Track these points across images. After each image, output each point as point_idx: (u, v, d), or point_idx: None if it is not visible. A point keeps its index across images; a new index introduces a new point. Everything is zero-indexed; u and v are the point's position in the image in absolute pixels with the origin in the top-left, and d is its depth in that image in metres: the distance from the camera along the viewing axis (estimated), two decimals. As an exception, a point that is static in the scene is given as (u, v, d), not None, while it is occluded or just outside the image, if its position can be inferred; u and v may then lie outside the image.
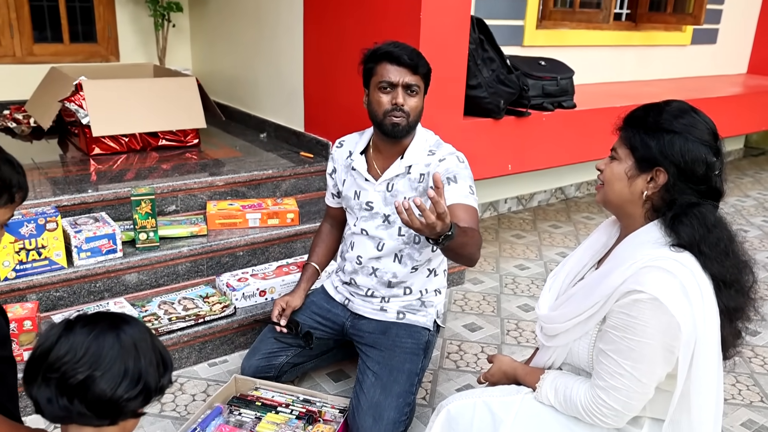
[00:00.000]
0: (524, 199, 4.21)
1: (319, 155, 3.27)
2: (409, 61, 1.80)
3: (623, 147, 1.37)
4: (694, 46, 4.96)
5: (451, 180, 1.79)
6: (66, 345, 0.97)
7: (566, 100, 3.22)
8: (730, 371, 2.35)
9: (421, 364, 1.95)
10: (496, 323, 2.69)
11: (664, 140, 1.30)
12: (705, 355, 1.27)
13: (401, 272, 1.98)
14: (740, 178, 5.20)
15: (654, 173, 1.32)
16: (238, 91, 4.10)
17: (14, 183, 1.24)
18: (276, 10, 3.50)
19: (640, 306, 1.24)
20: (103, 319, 1.02)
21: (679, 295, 1.22)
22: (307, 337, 2.04)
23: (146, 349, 1.02)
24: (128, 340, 1.00)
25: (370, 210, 1.96)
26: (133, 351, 1.00)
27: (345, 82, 3.00)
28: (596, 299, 1.33)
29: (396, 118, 1.83)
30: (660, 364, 1.27)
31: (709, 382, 1.29)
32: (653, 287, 1.22)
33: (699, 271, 1.26)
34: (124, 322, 1.02)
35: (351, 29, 2.93)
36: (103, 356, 0.97)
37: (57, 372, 0.96)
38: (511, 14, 3.70)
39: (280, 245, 2.76)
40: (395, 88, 1.82)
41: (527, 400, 1.48)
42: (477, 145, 2.88)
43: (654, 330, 1.24)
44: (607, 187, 1.40)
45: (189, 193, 2.81)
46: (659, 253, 1.27)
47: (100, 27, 4.31)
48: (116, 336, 0.99)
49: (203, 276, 2.59)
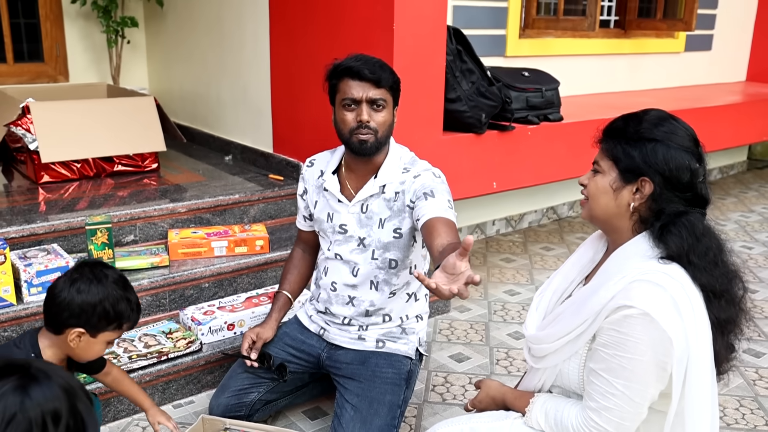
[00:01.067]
0: (513, 221, 4.34)
1: (290, 177, 3.36)
2: (371, 75, 1.90)
3: (605, 159, 1.48)
4: (689, 53, 5.19)
5: (428, 195, 1.89)
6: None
7: (552, 113, 3.36)
8: (725, 385, 2.46)
9: (403, 395, 2.03)
10: (485, 353, 2.78)
11: (647, 149, 1.41)
12: (698, 371, 1.36)
13: (379, 299, 2.06)
14: (744, 192, 5.39)
15: (639, 184, 1.42)
16: (199, 110, 4.20)
17: (125, 318, 1.70)
18: (239, 24, 3.63)
19: (630, 322, 1.33)
20: (9, 377, 0.95)
21: (670, 309, 1.32)
22: (281, 370, 2.10)
23: (59, 416, 0.94)
24: (35, 410, 0.92)
25: (344, 233, 2.05)
26: (41, 425, 0.92)
27: (316, 99, 3.10)
28: (585, 316, 1.42)
29: (362, 135, 1.93)
30: (653, 383, 1.36)
31: (704, 399, 1.39)
32: (643, 302, 1.32)
33: (689, 283, 1.37)
34: (35, 382, 0.95)
35: (320, 42, 3.06)
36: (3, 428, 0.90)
37: None
38: (492, 23, 3.86)
39: (249, 275, 2.83)
40: (359, 105, 1.92)
41: (516, 426, 1.57)
42: (459, 162, 3.00)
43: (646, 346, 1.33)
44: (593, 202, 1.50)
45: (148, 221, 2.88)
46: (648, 267, 1.38)
47: (47, 45, 4.39)
48: (20, 403, 0.92)
49: (165, 310, 2.65)
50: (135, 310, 1.73)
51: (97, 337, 1.68)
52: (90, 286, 1.65)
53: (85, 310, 1.63)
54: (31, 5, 4.34)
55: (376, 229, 2.00)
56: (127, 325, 1.73)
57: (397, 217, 1.98)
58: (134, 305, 1.73)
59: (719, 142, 4.64)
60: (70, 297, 1.63)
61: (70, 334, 1.65)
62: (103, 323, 1.66)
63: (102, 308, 1.64)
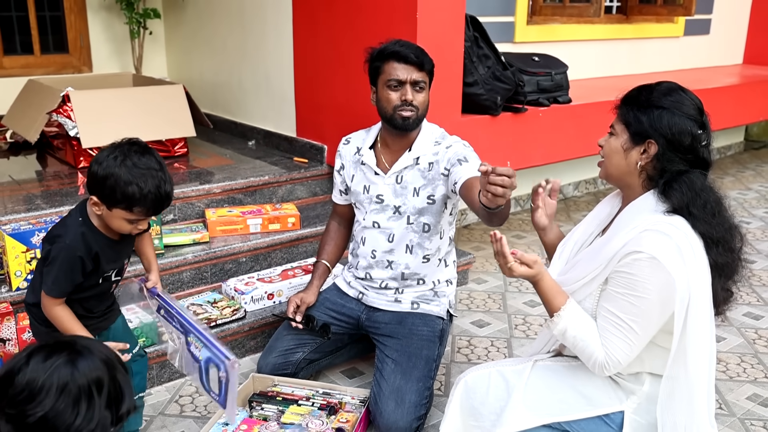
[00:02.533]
0: (522, 200, 4.55)
1: (314, 159, 3.57)
2: (416, 59, 2.13)
3: (619, 123, 1.70)
4: (688, 38, 5.39)
5: (462, 161, 2.12)
6: (22, 380, 1.04)
7: (561, 95, 3.57)
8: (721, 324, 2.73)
9: (437, 350, 2.24)
10: (504, 319, 3.00)
11: (654, 115, 1.63)
12: (698, 310, 1.58)
13: (413, 263, 2.28)
14: (741, 171, 5.61)
15: (646, 145, 1.64)
16: (220, 98, 4.39)
17: (133, 201, 1.66)
18: (262, 13, 3.81)
19: (639, 264, 1.55)
20: (60, 352, 1.08)
21: (675, 255, 1.54)
22: (325, 329, 2.32)
23: (103, 386, 1.07)
24: (83, 379, 1.06)
25: (381, 203, 2.27)
26: (89, 392, 1.05)
27: (340, 84, 3.31)
28: (600, 262, 1.64)
29: (405, 112, 2.15)
30: (655, 319, 1.58)
31: (704, 335, 1.61)
32: (651, 247, 1.54)
33: (690, 231, 1.59)
34: (81, 356, 1.08)
35: (344, 30, 3.25)
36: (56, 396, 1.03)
37: (14, 408, 1.03)
38: (501, 10, 4.06)
39: (282, 250, 3.04)
40: (404, 86, 2.14)
41: (537, 368, 1.80)
42: (475, 142, 3.17)
43: (652, 286, 1.55)
44: (607, 161, 1.72)
45: (186, 201, 3.08)
46: (655, 218, 1.60)
47: (72, 37, 4.58)
48: (71, 374, 1.05)
49: (207, 283, 2.86)
50: (150, 198, 1.67)
51: (112, 211, 1.69)
52: (109, 160, 1.66)
53: (98, 181, 1.66)
54: (56, -2, 4.52)
55: (411, 197, 2.22)
56: (138, 209, 1.68)
57: (431, 185, 2.20)
58: (146, 193, 1.66)
59: (717, 122, 4.76)
60: (94, 165, 1.67)
61: (91, 199, 1.71)
62: (111, 200, 1.66)
63: (109, 185, 1.64)
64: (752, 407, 2.35)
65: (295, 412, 2.17)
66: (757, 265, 3.64)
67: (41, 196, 2.95)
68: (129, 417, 1.13)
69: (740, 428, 2.24)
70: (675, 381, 1.62)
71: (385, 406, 2.09)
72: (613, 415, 1.71)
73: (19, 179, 3.26)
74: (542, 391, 1.76)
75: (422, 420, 2.13)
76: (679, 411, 1.62)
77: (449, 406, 1.83)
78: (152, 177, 1.68)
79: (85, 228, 1.75)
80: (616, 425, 1.70)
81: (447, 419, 1.82)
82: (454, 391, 1.83)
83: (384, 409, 2.09)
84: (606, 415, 1.71)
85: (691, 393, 1.61)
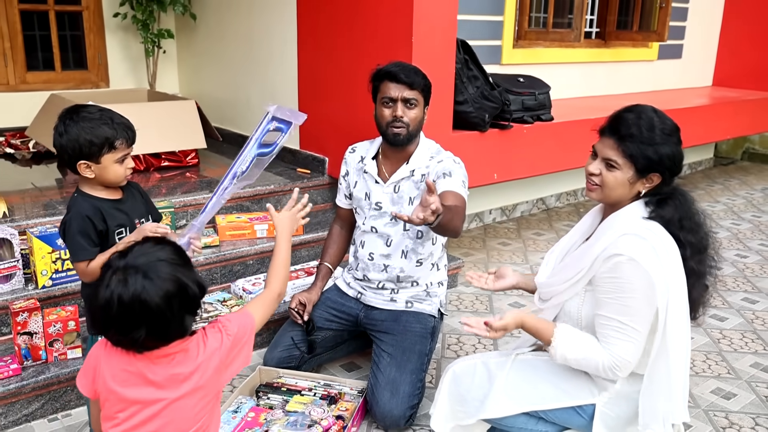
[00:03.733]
0: (508, 210, 4.63)
1: (316, 171, 3.64)
2: (406, 79, 2.21)
3: (622, 158, 1.69)
4: (661, 61, 5.50)
5: (446, 174, 2.21)
6: (106, 297, 1.27)
7: (544, 114, 3.66)
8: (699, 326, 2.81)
9: (429, 345, 2.32)
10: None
11: (659, 151, 1.66)
12: (677, 308, 1.66)
13: (408, 267, 2.35)
14: (710, 185, 5.72)
15: (650, 177, 1.70)
16: (228, 112, 4.47)
17: (112, 138, 1.73)
18: (269, 33, 3.90)
19: (621, 267, 1.63)
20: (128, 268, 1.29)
21: (651, 255, 1.62)
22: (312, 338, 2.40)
23: (178, 281, 1.30)
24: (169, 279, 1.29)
25: (379, 209, 2.34)
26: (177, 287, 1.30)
27: (340, 102, 3.39)
28: (584, 264, 1.72)
29: (396, 128, 2.23)
30: (647, 315, 1.64)
31: (682, 332, 1.68)
32: (629, 249, 1.62)
33: (666, 235, 1.67)
34: (154, 259, 1.32)
35: (345, 51, 3.33)
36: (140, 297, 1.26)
37: (113, 321, 1.27)
38: (489, 35, 4.15)
39: (287, 253, 3.10)
40: (395, 103, 2.22)
41: (518, 360, 1.88)
42: (465, 156, 3.24)
43: (637, 285, 1.62)
44: (609, 191, 1.73)
45: (197, 208, 3.15)
46: (632, 223, 1.68)
47: (91, 54, 4.65)
48: (144, 275, 1.28)
49: (217, 283, 2.92)
50: (119, 127, 1.75)
51: (101, 162, 1.75)
52: (67, 128, 1.73)
53: (74, 148, 1.72)
54: (76, 19, 4.59)
55: (406, 206, 2.29)
56: (120, 142, 1.75)
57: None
58: (117, 124, 1.75)
59: (688, 140, 4.89)
60: (60, 141, 1.74)
61: (80, 168, 1.76)
62: (95, 151, 1.72)
63: (84, 141, 1.71)
64: (715, 400, 2.44)
65: (299, 401, 2.23)
66: (723, 271, 3.73)
67: (61, 203, 3.01)
68: None
69: (704, 419, 2.32)
70: (656, 374, 1.69)
71: (381, 395, 2.16)
72: (586, 406, 1.78)
73: (40, 186, 3.32)
74: (521, 381, 1.83)
75: (415, 409, 2.20)
76: (659, 399, 1.69)
77: (439, 393, 1.90)
78: (106, 115, 1.77)
79: (82, 196, 1.82)
80: (587, 416, 1.77)
81: (437, 404, 1.89)
82: (443, 379, 1.91)
83: (380, 398, 2.16)
84: (579, 406, 1.78)
85: (671, 385, 1.68)
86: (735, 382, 2.55)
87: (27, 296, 2.38)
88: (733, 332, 2.97)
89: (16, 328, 2.19)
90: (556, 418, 1.81)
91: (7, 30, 4.29)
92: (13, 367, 2.19)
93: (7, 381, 2.16)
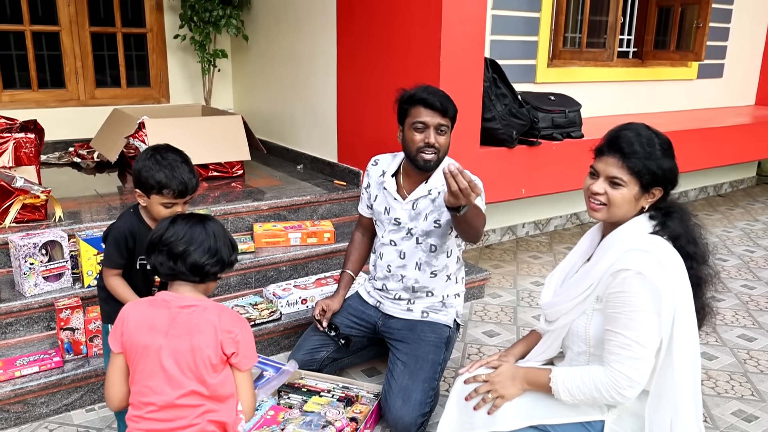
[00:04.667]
0: (541, 224, 4.52)
1: (351, 183, 3.64)
2: (440, 106, 2.15)
3: (627, 175, 1.62)
4: (701, 80, 5.28)
5: None
6: (171, 231, 1.54)
7: (574, 131, 3.56)
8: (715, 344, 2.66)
9: (443, 355, 2.26)
10: (513, 330, 2.99)
11: (661, 166, 1.61)
12: (683, 321, 1.57)
13: (422, 278, 2.31)
14: (751, 204, 5.44)
15: (653, 191, 1.64)
16: (275, 127, 4.54)
17: (162, 186, 1.83)
18: (311, 54, 3.94)
19: (629, 281, 1.55)
20: (194, 216, 1.58)
21: (658, 268, 1.54)
22: (347, 341, 2.38)
23: (221, 236, 1.57)
24: (210, 229, 1.56)
25: (398, 225, 2.31)
26: (213, 236, 1.55)
27: (374, 117, 3.39)
28: (590, 282, 1.64)
29: (427, 154, 2.18)
30: (655, 329, 1.55)
31: (689, 344, 1.59)
32: (636, 264, 1.55)
33: (670, 249, 1.59)
34: (209, 219, 1.59)
35: (379, 72, 3.34)
36: (195, 238, 1.53)
37: (166, 246, 1.52)
38: (524, 55, 4.08)
39: (318, 261, 3.11)
40: (428, 129, 2.16)
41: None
42: (493, 172, 3.22)
43: (644, 298, 1.54)
44: (615, 209, 1.66)
45: (237, 215, 3.20)
46: (637, 238, 1.61)
47: (153, 73, 4.81)
48: (203, 226, 1.56)
49: (251, 288, 2.95)
50: (174, 181, 1.82)
51: (150, 198, 1.85)
52: (144, 157, 1.85)
53: (137, 175, 1.85)
54: (141, 40, 4.76)
55: (422, 221, 2.25)
56: (167, 192, 1.82)
57: (438, 210, 2.23)
58: (173, 177, 1.82)
59: (729, 158, 4.74)
60: (135, 164, 1.87)
61: (136, 192, 1.89)
62: (147, 187, 1.84)
63: (144, 175, 1.83)
64: (735, 422, 2.29)
65: (317, 402, 2.22)
66: (757, 290, 3.52)
67: (119, 208, 3.11)
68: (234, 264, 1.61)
69: (722, 440, 2.19)
70: (662, 389, 1.60)
71: (393, 402, 2.12)
72: (594, 423, 1.69)
73: (102, 193, 3.44)
74: (530, 395, 1.76)
75: (426, 417, 2.15)
76: (666, 412, 1.60)
77: (448, 403, 1.85)
78: (177, 166, 1.86)
79: (134, 214, 1.93)
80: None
81: (445, 414, 1.84)
82: (453, 389, 1.86)
83: (392, 405, 2.12)
84: (588, 422, 1.70)
85: (677, 400, 1.59)
86: (758, 405, 2.40)
87: (73, 294, 2.45)
88: (761, 353, 2.79)
89: (60, 324, 2.26)
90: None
91: (79, 50, 4.49)
92: (55, 359, 2.26)
93: (50, 372, 2.23)
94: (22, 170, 2.85)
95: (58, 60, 4.48)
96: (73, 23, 4.43)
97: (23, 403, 2.19)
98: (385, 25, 3.27)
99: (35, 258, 2.42)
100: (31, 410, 2.21)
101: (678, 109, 5.22)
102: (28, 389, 2.18)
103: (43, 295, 2.45)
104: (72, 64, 4.49)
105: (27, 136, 2.87)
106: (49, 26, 4.39)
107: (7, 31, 4.29)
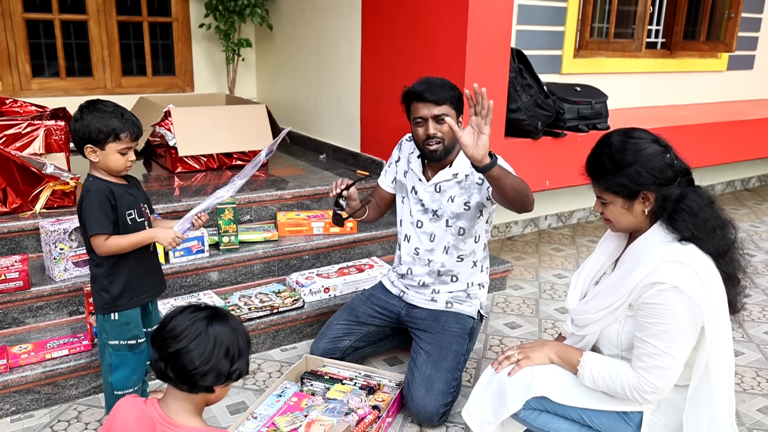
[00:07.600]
0: (564, 216, 4.49)
1: (374, 173, 3.64)
2: (431, 97, 2.13)
3: (606, 193, 1.65)
4: (731, 72, 5.18)
5: None
6: (174, 323, 1.30)
7: (600, 122, 3.52)
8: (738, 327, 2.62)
9: (466, 346, 2.27)
10: (534, 323, 2.98)
11: (630, 173, 1.58)
12: (719, 325, 1.56)
13: (449, 262, 2.31)
14: (780, 198, 5.33)
15: (642, 196, 1.61)
16: (299, 116, 4.55)
17: (118, 130, 1.81)
18: (336, 44, 3.94)
19: (664, 294, 1.54)
20: (205, 311, 1.33)
21: (695, 281, 1.52)
22: (338, 212, 2.27)
23: (224, 343, 1.30)
24: (213, 332, 1.30)
25: (423, 206, 2.32)
26: (213, 342, 1.29)
27: (398, 107, 3.34)
28: (622, 292, 1.63)
29: (431, 146, 2.18)
30: (688, 341, 1.56)
31: (725, 347, 1.58)
32: (672, 277, 1.53)
33: (703, 256, 1.57)
34: (218, 319, 1.32)
35: (403, 61, 3.33)
36: (191, 338, 1.28)
37: (164, 341, 1.30)
38: (550, 45, 4.04)
39: (341, 250, 3.13)
40: (426, 122, 2.17)
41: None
42: (517, 163, 3.17)
43: (680, 312, 1.53)
44: (616, 223, 1.70)
45: (261, 204, 3.22)
46: (672, 249, 1.58)
47: (179, 62, 4.85)
48: (207, 326, 1.30)
49: (274, 276, 2.98)
50: (127, 123, 1.83)
51: (105, 149, 1.82)
52: (83, 115, 1.82)
53: (86, 132, 1.81)
54: (167, 29, 4.80)
55: (446, 203, 2.26)
56: (125, 135, 1.82)
57: (467, 192, 2.23)
58: (125, 119, 1.83)
59: (758, 151, 4.65)
60: (75, 125, 1.84)
61: (86, 151, 1.84)
62: (102, 138, 1.81)
63: (94, 128, 1.80)
64: (762, 418, 2.26)
65: (339, 390, 2.24)
66: (785, 287, 3.47)
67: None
68: (239, 377, 1.36)
69: (747, 437, 2.17)
70: (698, 390, 1.60)
71: (416, 391, 2.13)
72: (633, 414, 1.69)
73: (127, 180, 3.49)
74: (568, 381, 1.73)
75: (449, 407, 2.16)
76: (702, 416, 1.60)
77: (476, 387, 1.82)
78: (122, 110, 1.85)
79: (96, 179, 1.89)
80: (634, 424, 1.69)
81: (472, 398, 1.81)
82: (483, 374, 1.84)
83: (415, 394, 2.13)
84: (626, 413, 1.69)
85: (713, 400, 1.59)
86: (785, 402, 2.37)
87: (102, 279, 2.49)
88: (789, 350, 2.76)
89: (88, 308, 2.30)
90: (602, 424, 1.71)
91: (106, 39, 4.54)
92: (84, 343, 2.31)
93: (79, 356, 2.28)
94: (52, 157, 2.90)
95: (86, 48, 4.53)
96: (100, 12, 4.48)
97: (53, 385, 2.24)
98: (411, 15, 3.25)
99: (65, 243, 2.46)
100: (61, 392, 2.26)
101: (706, 102, 5.13)
102: (58, 371, 2.23)
103: (72, 279, 2.50)
104: (99, 52, 4.55)
105: (57, 124, 2.92)
106: (78, 15, 4.45)
107: (36, 19, 4.35)
